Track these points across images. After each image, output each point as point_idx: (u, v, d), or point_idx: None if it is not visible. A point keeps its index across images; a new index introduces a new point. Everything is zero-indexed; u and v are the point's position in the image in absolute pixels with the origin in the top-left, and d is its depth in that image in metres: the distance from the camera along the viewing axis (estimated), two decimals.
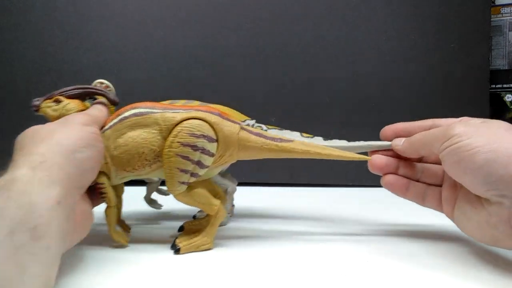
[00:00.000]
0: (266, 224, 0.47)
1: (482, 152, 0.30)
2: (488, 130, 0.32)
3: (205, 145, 0.35)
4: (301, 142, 0.38)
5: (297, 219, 0.50)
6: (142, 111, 0.36)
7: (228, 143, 0.36)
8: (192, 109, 0.36)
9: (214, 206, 0.37)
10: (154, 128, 0.35)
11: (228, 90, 0.74)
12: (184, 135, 0.34)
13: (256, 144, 0.37)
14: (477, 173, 0.31)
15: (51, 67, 0.73)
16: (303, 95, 0.74)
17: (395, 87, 0.74)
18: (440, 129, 0.36)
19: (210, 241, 0.37)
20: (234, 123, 0.37)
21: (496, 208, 0.31)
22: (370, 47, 0.74)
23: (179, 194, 0.36)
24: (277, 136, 0.38)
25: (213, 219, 0.37)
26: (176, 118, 0.35)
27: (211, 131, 0.35)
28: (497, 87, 0.81)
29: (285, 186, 0.72)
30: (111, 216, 0.37)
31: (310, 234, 0.43)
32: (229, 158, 0.37)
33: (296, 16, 0.74)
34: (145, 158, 0.35)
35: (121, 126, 0.36)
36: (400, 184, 0.40)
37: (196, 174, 0.35)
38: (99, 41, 0.74)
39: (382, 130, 0.42)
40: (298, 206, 0.57)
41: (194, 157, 0.34)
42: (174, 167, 0.34)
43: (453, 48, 0.74)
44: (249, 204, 0.56)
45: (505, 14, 0.81)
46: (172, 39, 0.74)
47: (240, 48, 0.74)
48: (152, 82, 0.74)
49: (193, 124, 0.35)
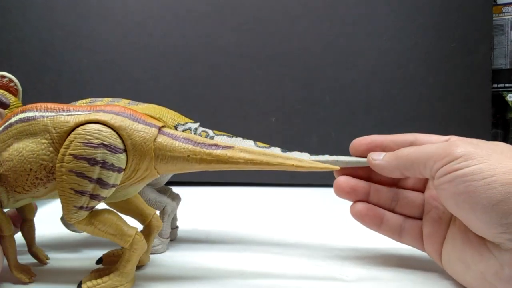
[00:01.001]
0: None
1: (500, 183, 0.23)
2: (499, 152, 0.25)
3: (106, 158, 0.26)
4: (243, 148, 0.28)
5: (295, 220, 0.50)
6: (30, 115, 0.28)
7: (141, 154, 0.28)
8: (92, 110, 0.28)
9: (128, 237, 0.28)
10: (44, 137, 0.27)
11: (228, 90, 0.74)
12: (78, 145, 0.26)
13: (181, 154, 0.28)
14: (491, 211, 0.23)
15: (51, 67, 0.73)
16: (303, 95, 0.74)
17: (395, 87, 0.74)
18: (438, 145, 0.27)
19: (125, 281, 0.28)
20: (150, 126, 0.28)
21: (510, 256, 0.24)
22: (370, 47, 0.74)
23: (78, 223, 0.27)
24: (211, 142, 0.29)
25: (127, 253, 0.28)
26: (70, 123, 0.27)
27: (115, 138, 0.27)
28: (499, 87, 0.81)
29: (285, 186, 0.72)
30: (8, 248, 0.30)
31: (310, 234, 0.43)
32: (147, 173, 0.29)
33: (296, 16, 0.74)
34: (35, 176, 0.27)
35: (6, 136, 0.28)
36: (372, 215, 0.32)
37: (97, 196, 0.27)
38: (99, 41, 0.74)
39: (352, 143, 0.34)
40: (299, 206, 0.57)
41: (92, 174, 0.26)
42: (68, 188, 0.26)
43: (454, 47, 0.74)
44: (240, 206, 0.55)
45: (507, 13, 0.80)
46: (172, 39, 0.74)
47: (240, 48, 0.74)
48: (152, 82, 0.74)
49: (89, 131, 0.27)
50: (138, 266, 0.32)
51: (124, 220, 0.29)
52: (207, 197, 0.64)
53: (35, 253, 0.34)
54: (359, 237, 0.41)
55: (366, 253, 0.37)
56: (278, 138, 0.72)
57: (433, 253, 0.31)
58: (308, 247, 0.39)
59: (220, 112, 0.73)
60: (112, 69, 0.74)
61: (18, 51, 0.73)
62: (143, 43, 0.74)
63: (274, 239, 0.41)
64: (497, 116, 0.81)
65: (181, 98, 0.74)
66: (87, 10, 0.73)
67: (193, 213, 0.51)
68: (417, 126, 0.72)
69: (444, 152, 0.26)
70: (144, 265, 0.34)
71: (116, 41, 0.74)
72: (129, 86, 0.74)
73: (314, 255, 0.36)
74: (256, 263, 0.34)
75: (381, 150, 0.32)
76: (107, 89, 0.73)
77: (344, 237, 0.42)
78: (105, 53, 0.74)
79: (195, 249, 0.38)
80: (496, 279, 0.25)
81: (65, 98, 0.76)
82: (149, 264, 0.34)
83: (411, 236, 0.32)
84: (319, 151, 0.34)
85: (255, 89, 0.74)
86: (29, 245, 0.33)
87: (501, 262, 0.24)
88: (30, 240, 0.33)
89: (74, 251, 0.38)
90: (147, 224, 0.32)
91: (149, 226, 0.32)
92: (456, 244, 0.28)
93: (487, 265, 0.25)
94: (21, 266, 0.31)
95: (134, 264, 0.29)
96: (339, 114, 0.73)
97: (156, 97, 0.74)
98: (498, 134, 0.81)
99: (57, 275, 0.32)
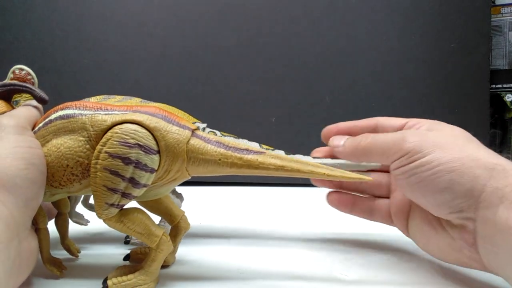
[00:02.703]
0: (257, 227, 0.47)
1: (445, 171, 0.26)
2: (447, 140, 0.28)
3: (140, 158, 0.27)
4: (274, 154, 0.29)
5: (297, 220, 0.50)
6: (69, 112, 0.29)
7: (174, 155, 0.28)
8: (129, 110, 0.29)
9: (155, 237, 0.28)
10: (82, 134, 0.28)
11: (228, 90, 0.74)
12: (114, 143, 0.27)
13: (213, 157, 0.28)
14: (440, 196, 0.27)
15: (51, 67, 0.73)
16: (303, 95, 0.74)
17: (395, 87, 0.74)
18: (392, 137, 0.30)
19: (149, 280, 0.29)
20: (184, 128, 0.29)
21: (459, 231, 0.28)
22: (370, 47, 0.74)
23: (108, 219, 0.28)
24: (243, 147, 0.29)
25: (153, 253, 0.29)
26: (107, 122, 0.28)
27: (150, 140, 0.27)
28: (497, 87, 0.81)
29: (285, 186, 0.72)
30: (42, 241, 0.30)
31: (309, 234, 0.43)
32: (178, 174, 0.29)
33: (296, 16, 0.74)
34: (71, 172, 0.28)
35: (45, 132, 0.29)
36: (345, 201, 0.37)
37: (129, 195, 0.27)
38: (99, 41, 0.74)
39: (323, 131, 0.37)
40: (299, 206, 0.57)
41: (125, 172, 0.27)
42: (101, 185, 0.27)
43: (453, 48, 0.74)
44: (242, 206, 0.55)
45: (505, 14, 0.81)
46: (172, 39, 0.74)
47: (240, 48, 0.74)
48: (152, 82, 0.74)
49: (126, 130, 0.27)
50: (164, 266, 0.32)
51: (152, 220, 0.29)
52: (207, 197, 0.64)
53: (68, 246, 0.34)
54: (359, 237, 0.42)
55: (366, 253, 0.37)
56: (278, 138, 0.72)
57: (402, 227, 0.34)
58: (308, 247, 0.39)
59: (220, 112, 0.73)
60: (112, 69, 0.74)
61: (18, 51, 0.73)
62: (143, 43, 0.74)
63: (274, 239, 0.41)
64: (495, 116, 0.81)
65: (181, 98, 0.74)
66: (87, 10, 0.73)
67: (192, 213, 0.51)
68: None
69: (395, 148, 0.29)
70: (170, 265, 0.34)
71: (116, 41, 0.74)
72: (129, 86, 0.74)
73: (314, 255, 0.37)
74: (256, 263, 0.35)
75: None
76: (107, 89, 0.73)
77: (344, 236, 0.42)
78: (105, 53, 0.74)
79: (195, 249, 0.38)
80: (449, 249, 0.29)
81: (65, 98, 0.76)
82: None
83: (381, 215, 0.36)
84: None
85: (255, 89, 0.74)
86: (62, 238, 0.34)
87: (453, 236, 0.28)
88: (63, 233, 0.34)
89: (104, 246, 0.39)
90: (175, 225, 0.32)
91: (177, 226, 0.32)
92: (417, 221, 0.32)
93: (442, 238, 0.29)
94: (53, 259, 0.31)
95: (159, 264, 0.29)
96: (339, 114, 0.74)
97: (156, 97, 0.74)
98: (496, 134, 0.81)
99: (85, 270, 0.33)
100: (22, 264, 0.26)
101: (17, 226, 0.25)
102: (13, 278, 0.25)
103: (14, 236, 0.24)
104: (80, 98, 0.40)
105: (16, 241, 0.24)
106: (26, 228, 0.26)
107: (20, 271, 0.26)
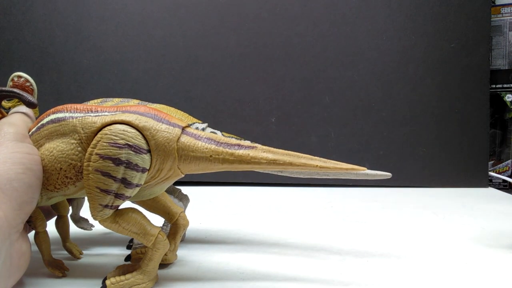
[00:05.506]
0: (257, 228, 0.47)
1: None
2: None
3: (130, 158, 0.27)
4: (266, 148, 0.29)
5: (298, 220, 0.50)
6: (60, 116, 0.29)
7: (164, 154, 0.28)
8: (118, 111, 0.29)
9: (150, 236, 0.29)
10: (73, 137, 0.28)
11: (228, 90, 0.74)
12: (104, 145, 0.27)
13: (204, 154, 0.28)
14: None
15: (51, 67, 0.73)
16: (303, 95, 0.74)
17: (394, 87, 0.74)
18: None
19: (147, 279, 0.29)
20: (174, 126, 0.29)
21: None
22: (370, 47, 0.74)
23: (103, 220, 0.28)
24: (234, 142, 0.29)
25: (150, 252, 0.29)
26: (97, 123, 0.28)
27: (140, 139, 0.27)
28: (497, 87, 0.81)
29: (285, 186, 0.72)
30: (42, 244, 0.31)
31: (310, 234, 0.43)
32: (170, 173, 0.29)
33: (296, 16, 0.74)
34: (64, 175, 0.28)
35: (38, 136, 0.29)
36: None
37: (122, 196, 0.28)
38: (99, 41, 0.74)
39: None
40: (299, 206, 0.57)
41: (116, 173, 0.27)
42: (94, 187, 0.27)
43: (453, 48, 0.74)
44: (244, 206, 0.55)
45: (505, 14, 0.81)
46: (172, 39, 0.74)
47: (240, 48, 0.74)
48: (152, 82, 0.74)
49: (115, 131, 0.27)
50: (165, 265, 0.32)
51: (148, 219, 0.29)
52: (207, 197, 0.64)
53: (69, 248, 0.35)
54: (359, 237, 0.42)
55: (366, 253, 0.37)
56: (278, 138, 0.72)
57: None
58: (308, 247, 0.39)
59: (220, 112, 0.73)
60: (112, 69, 0.74)
61: (19, 51, 0.73)
62: (143, 43, 0.74)
63: (274, 239, 0.41)
64: (495, 116, 0.81)
65: (181, 98, 0.74)
66: (88, 10, 0.73)
67: (192, 213, 0.51)
68: (416, 126, 0.73)
69: None
70: (171, 264, 0.34)
71: (116, 41, 0.74)
72: (129, 86, 0.74)
73: (313, 255, 0.37)
74: (256, 263, 0.35)
75: None
76: (107, 89, 0.73)
77: (344, 237, 0.42)
78: (105, 53, 0.74)
79: (195, 249, 0.38)
80: None
81: (65, 98, 0.76)
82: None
83: None
84: (319, 151, 0.35)
85: (255, 89, 0.74)
86: (63, 240, 0.34)
87: None
88: (64, 235, 0.34)
89: (105, 246, 0.39)
90: (174, 223, 0.32)
91: (176, 224, 0.32)
92: None
93: None
94: (55, 261, 0.32)
95: (156, 263, 0.29)
96: (338, 114, 0.74)
97: (156, 97, 0.75)
98: (496, 134, 0.81)
99: (86, 270, 0.33)
100: (13, 266, 0.26)
101: (9, 228, 0.25)
102: (3, 279, 0.25)
103: (5, 237, 0.25)
104: (80, 98, 0.40)
105: (7, 243, 0.25)
106: (17, 231, 0.26)
107: (11, 272, 0.26)
